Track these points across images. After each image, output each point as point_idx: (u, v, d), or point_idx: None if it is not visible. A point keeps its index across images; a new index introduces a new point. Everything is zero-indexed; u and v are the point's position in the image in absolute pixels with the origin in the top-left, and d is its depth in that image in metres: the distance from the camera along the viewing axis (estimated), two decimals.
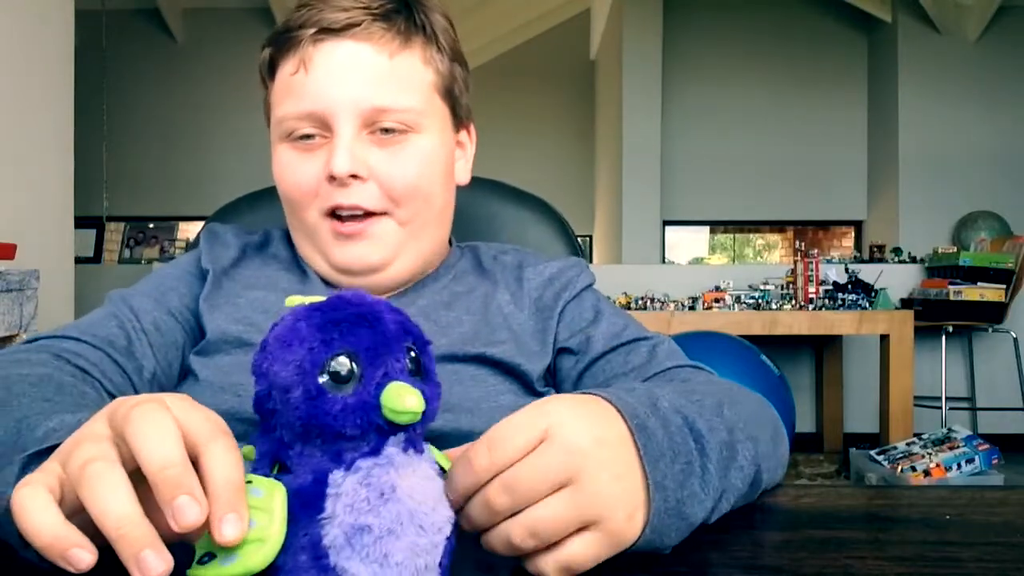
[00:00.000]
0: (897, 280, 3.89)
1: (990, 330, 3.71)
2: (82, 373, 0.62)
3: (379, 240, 0.73)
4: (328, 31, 0.70)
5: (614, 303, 0.83)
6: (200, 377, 0.69)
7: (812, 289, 3.45)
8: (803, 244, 4.00)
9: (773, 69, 5.98)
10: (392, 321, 0.38)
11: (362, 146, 0.70)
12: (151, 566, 0.30)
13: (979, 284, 3.61)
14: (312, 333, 0.36)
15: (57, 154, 2.45)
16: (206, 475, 0.33)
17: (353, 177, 0.70)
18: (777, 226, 7.61)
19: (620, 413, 0.43)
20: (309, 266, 0.77)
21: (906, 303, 3.78)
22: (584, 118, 7.16)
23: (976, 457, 2.84)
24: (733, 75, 6.00)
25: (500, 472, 0.39)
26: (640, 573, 0.42)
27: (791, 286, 3.60)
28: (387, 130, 0.71)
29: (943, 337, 3.66)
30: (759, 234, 8.77)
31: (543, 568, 0.40)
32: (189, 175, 6.48)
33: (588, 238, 7.18)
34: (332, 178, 0.70)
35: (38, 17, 2.34)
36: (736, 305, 3.47)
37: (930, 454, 2.84)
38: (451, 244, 0.86)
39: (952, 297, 3.59)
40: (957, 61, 5.31)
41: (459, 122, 0.80)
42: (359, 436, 0.36)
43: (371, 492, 0.35)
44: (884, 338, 3.30)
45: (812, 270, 3.46)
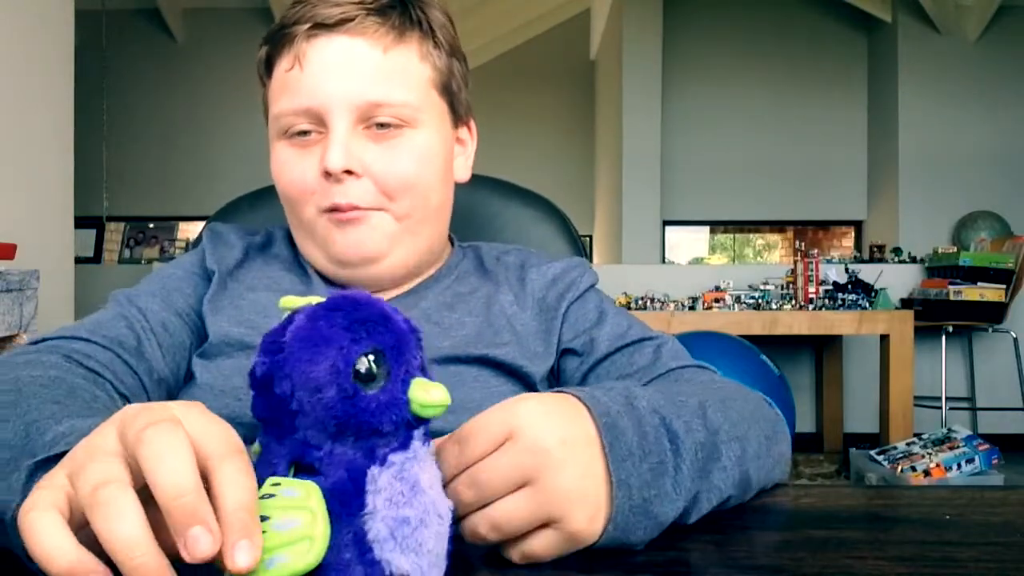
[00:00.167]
0: (897, 280, 3.89)
1: (990, 330, 3.71)
2: (93, 375, 0.61)
3: (375, 230, 0.72)
4: (322, 27, 0.70)
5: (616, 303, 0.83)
6: (201, 380, 0.69)
7: (812, 289, 3.45)
8: (803, 244, 4.00)
9: (773, 69, 5.98)
10: (402, 320, 0.39)
11: (357, 141, 0.70)
12: None
13: (979, 284, 3.60)
14: (339, 333, 0.37)
15: (57, 154, 2.45)
16: (217, 498, 0.33)
17: (348, 173, 0.69)
18: (777, 226, 7.61)
19: (590, 412, 0.44)
20: (309, 264, 0.77)
21: (906, 303, 3.78)
22: (584, 118, 7.16)
23: (976, 457, 2.84)
24: (733, 75, 5.99)
25: (467, 468, 0.41)
26: (640, 573, 0.42)
27: (791, 286, 3.60)
28: (382, 125, 0.71)
29: (943, 337, 3.66)
30: (759, 234, 8.76)
31: (508, 555, 0.43)
32: (189, 175, 6.48)
33: (588, 238, 7.18)
34: (327, 174, 0.69)
35: (38, 17, 2.34)
36: (736, 305, 3.47)
37: (930, 454, 2.84)
38: (453, 244, 0.85)
39: (952, 297, 3.59)
40: (957, 61, 5.31)
41: (458, 118, 0.79)
42: (391, 432, 0.37)
43: (404, 485, 0.36)
44: (884, 338, 3.30)
45: (812, 270, 3.46)
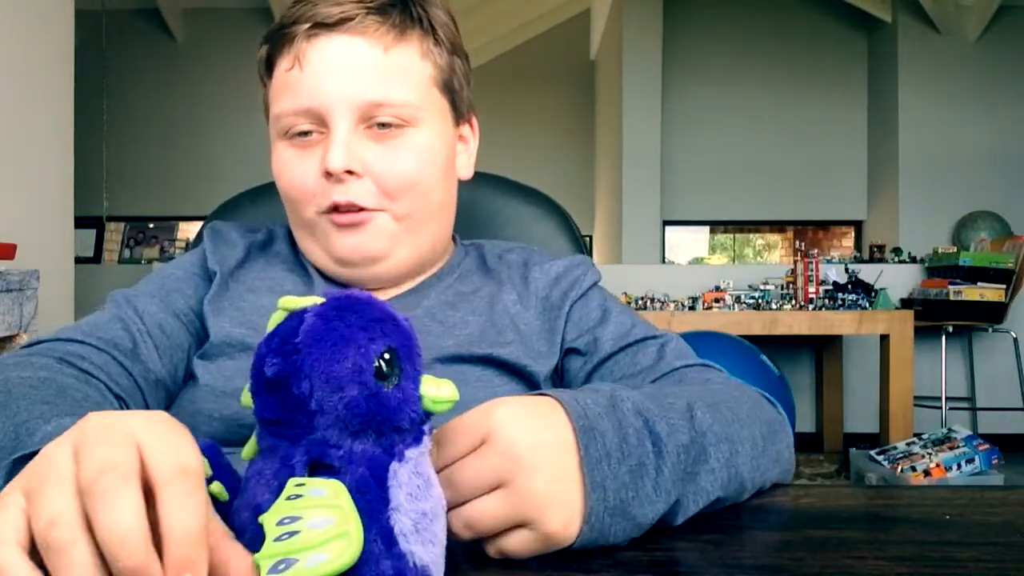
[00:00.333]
0: (897, 280, 3.89)
1: (990, 330, 3.71)
2: (86, 375, 0.61)
3: (376, 232, 0.72)
4: (322, 26, 0.69)
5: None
6: (202, 381, 0.69)
7: (812, 289, 3.45)
8: (803, 244, 4.00)
9: (773, 69, 5.98)
10: (403, 319, 0.40)
11: (358, 141, 0.70)
12: None
13: (979, 284, 3.60)
14: (357, 332, 0.37)
15: (57, 154, 2.45)
16: (161, 526, 0.31)
17: (349, 173, 0.69)
18: (777, 226, 7.61)
19: (568, 415, 0.45)
20: (311, 263, 0.77)
21: (906, 303, 3.78)
22: (584, 118, 7.15)
23: (976, 457, 2.84)
24: (733, 75, 5.99)
25: (444, 467, 0.43)
26: (641, 573, 0.42)
27: (791, 286, 3.60)
28: (383, 124, 0.70)
29: (943, 337, 3.66)
30: (759, 234, 8.77)
31: (486, 549, 0.44)
32: (189, 175, 6.48)
33: (588, 238, 7.18)
34: (328, 174, 0.69)
35: (38, 17, 2.34)
36: (736, 305, 3.47)
37: (930, 454, 2.84)
38: (455, 242, 0.85)
39: (952, 297, 3.59)
40: (957, 61, 5.31)
41: (460, 116, 0.79)
42: (407, 428, 0.38)
43: (420, 479, 0.38)
44: (884, 338, 3.30)
45: (812, 270, 3.46)
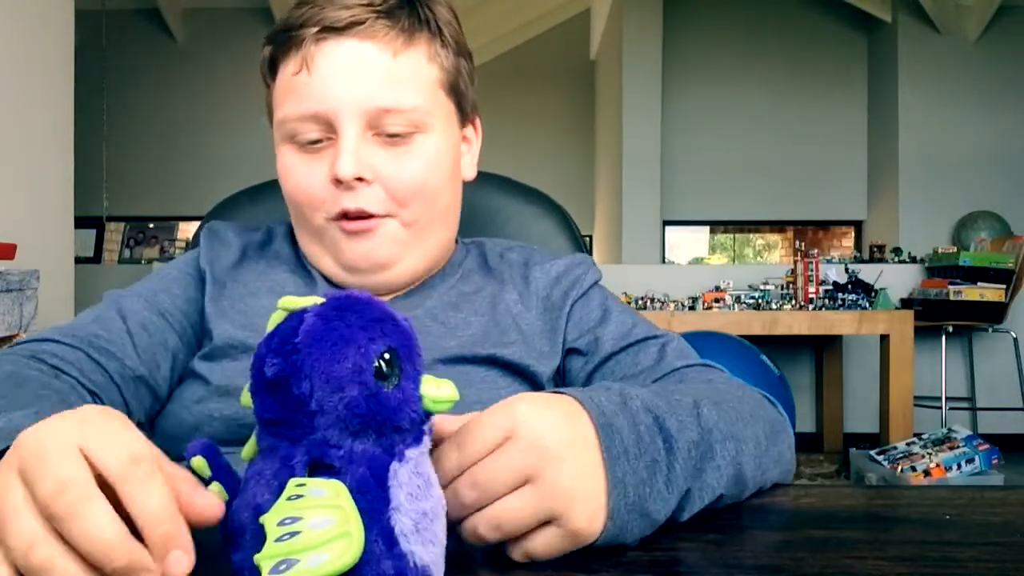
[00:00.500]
0: (897, 280, 3.89)
1: (990, 330, 3.71)
2: (55, 371, 0.61)
3: (385, 238, 0.72)
4: (331, 30, 0.68)
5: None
6: (208, 381, 0.69)
7: (812, 289, 3.45)
8: (803, 244, 4.00)
9: (773, 69, 5.98)
10: (403, 319, 0.40)
11: (367, 147, 0.69)
12: None
13: (979, 284, 3.60)
14: (357, 332, 0.37)
15: (57, 154, 2.45)
16: (132, 514, 0.32)
17: (359, 180, 0.69)
18: (777, 226, 7.61)
19: (586, 411, 0.44)
20: (314, 266, 0.76)
21: (906, 303, 3.78)
22: (584, 118, 7.15)
23: (976, 457, 2.84)
24: (733, 75, 5.99)
25: (467, 466, 0.41)
26: (641, 573, 0.42)
27: (791, 286, 3.60)
28: (392, 135, 0.70)
29: (943, 337, 3.66)
30: (759, 234, 8.77)
31: (510, 553, 0.43)
32: (189, 175, 6.48)
33: (588, 238, 7.18)
34: (338, 181, 0.68)
35: (38, 17, 2.34)
36: (736, 305, 3.47)
37: (930, 454, 2.83)
38: (456, 240, 0.85)
39: (952, 297, 3.59)
40: (957, 61, 5.31)
41: (464, 117, 0.78)
42: (408, 428, 0.38)
43: (420, 479, 0.37)
44: (884, 338, 3.30)
45: (812, 270, 3.46)
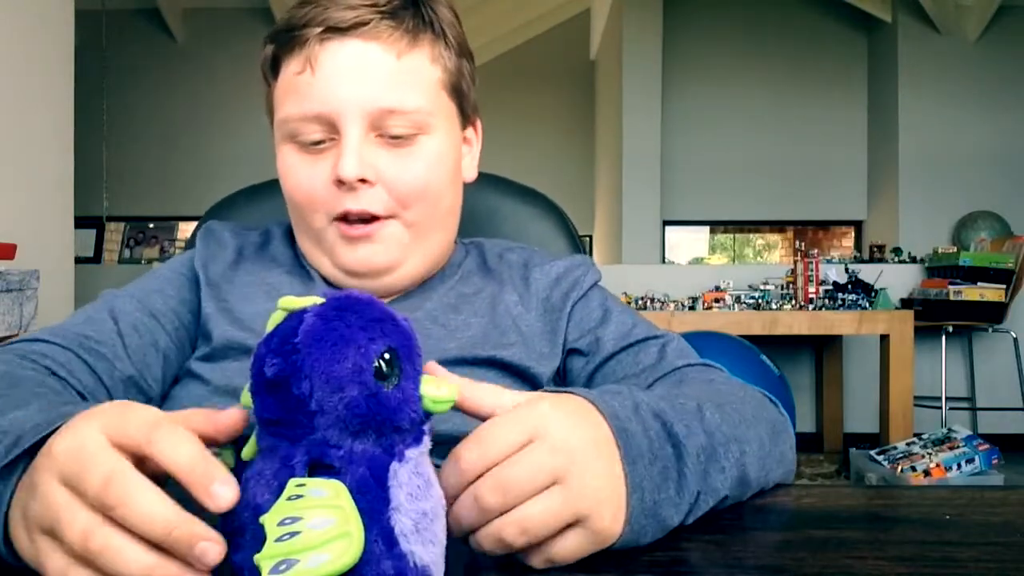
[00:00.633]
0: (897, 280, 3.89)
1: (990, 330, 3.71)
2: (46, 371, 0.61)
3: (386, 242, 0.72)
4: (335, 30, 0.68)
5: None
6: (207, 381, 0.69)
7: (812, 289, 3.45)
8: (803, 244, 4.00)
9: (773, 69, 5.98)
10: (403, 319, 0.40)
11: (370, 148, 0.69)
12: None
13: (979, 284, 3.60)
14: (356, 332, 0.37)
15: (57, 154, 2.45)
16: (168, 468, 0.35)
17: (362, 182, 0.68)
18: (777, 226, 7.61)
19: (603, 415, 0.44)
20: (313, 268, 0.76)
21: (906, 303, 3.78)
22: (584, 118, 7.15)
23: (976, 457, 2.84)
24: (733, 75, 5.99)
25: (489, 469, 0.40)
26: (642, 573, 0.42)
27: (791, 286, 3.60)
28: (395, 136, 0.70)
29: (943, 337, 3.66)
30: (759, 234, 8.77)
31: (529, 560, 0.42)
32: (189, 175, 6.48)
33: (588, 238, 7.17)
34: (340, 182, 0.68)
35: (38, 17, 2.34)
36: (736, 305, 3.47)
37: (930, 454, 2.83)
38: (455, 241, 0.85)
39: (952, 297, 3.59)
40: (957, 61, 5.30)
41: (466, 118, 0.78)
42: (408, 428, 0.38)
43: (420, 479, 0.37)
44: (884, 338, 3.30)
45: (812, 270, 3.46)
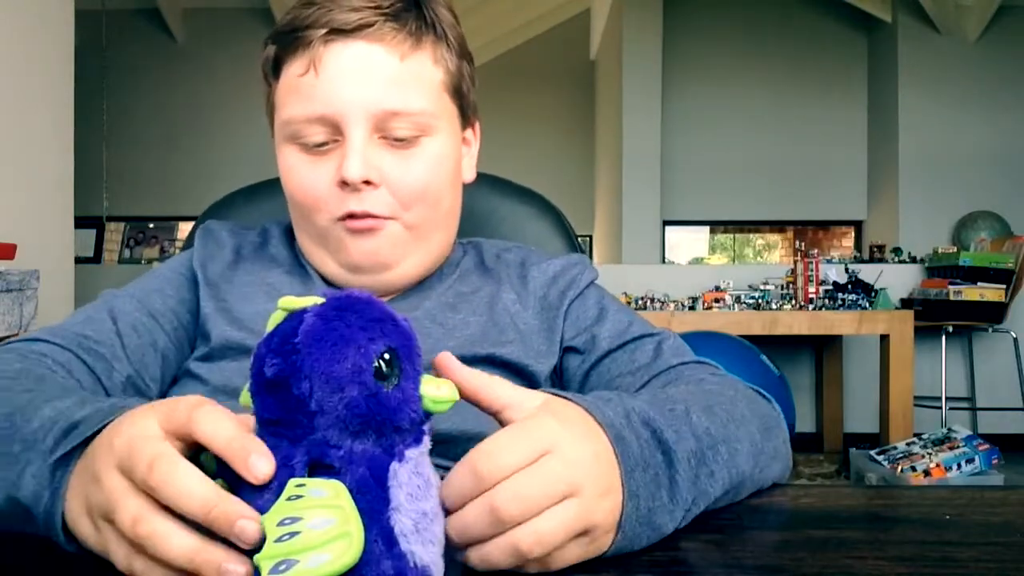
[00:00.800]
0: (897, 280, 3.89)
1: (990, 330, 3.71)
2: (50, 372, 0.61)
3: (388, 239, 0.72)
4: (339, 32, 0.68)
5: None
6: (206, 381, 0.69)
7: (812, 289, 3.45)
8: (803, 244, 4.00)
9: (773, 69, 5.97)
10: (403, 319, 0.40)
11: (373, 150, 0.69)
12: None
13: (979, 284, 3.60)
14: (356, 332, 0.37)
15: (57, 154, 2.45)
16: (210, 446, 0.37)
17: (366, 183, 0.68)
18: (777, 226, 7.61)
19: (600, 425, 0.44)
20: (313, 267, 0.76)
21: (906, 303, 3.78)
22: (584, 118, 7.15)
23: (976, 457, 2.84)
24: (733, 75, 5.99)
25: (504, 479, 0.39)
26: (642, 573, 0.42)
27: (791, 286, 3.59)
28: (399, 139, 0.70)
29: (943, 337, 3.65)
30: (759, 234, 8.76)
31: (526, 566, 0.41)
32: (189, 175, 6.48)
33: (588, 238, 7.17)
34: (344, 183, 0.68)
35: (38, 17, 2.34)
36: (736, 305, 3.47)
37: (930, 454, 2.83)
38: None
39: (952, 297, 3.58)
40: (957, 61, 5.30)
41: (466, 120, 0.79)
42: (408, 428, 0.38)
43: (420, 480, 0.37)
44: (884, 338, 3.30)
45: (812, 270, 3.46)
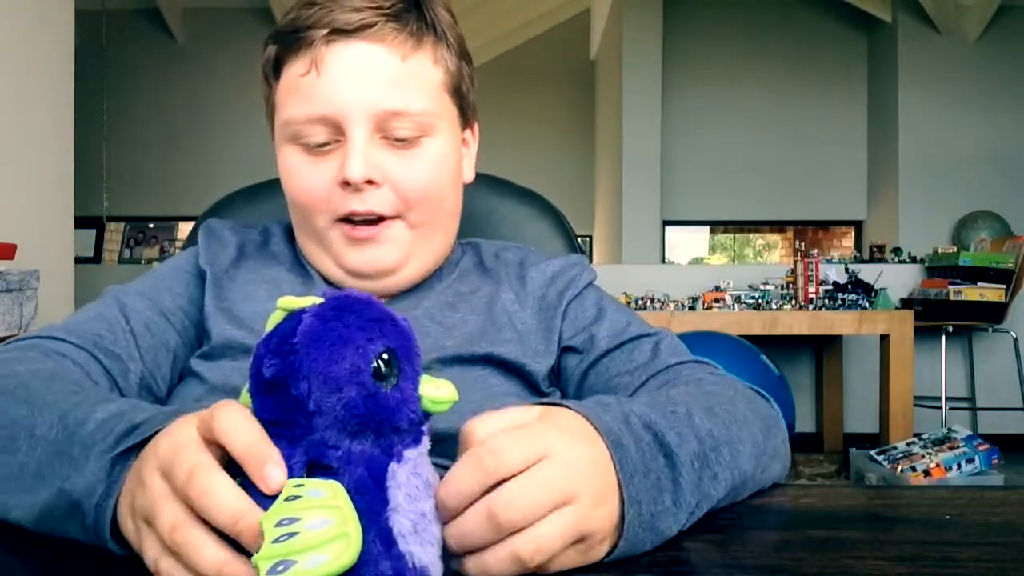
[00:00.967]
0: (897, 280, 3.89)
1: (990, 330, 3.71)
2: (83, 374, 0.61)
3: (391, 243, 0.72)
4: (341, 32, 0.68)
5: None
6: (205, 380, 0.69)
7: (812, 289, 3.45)
8: (803, 244, 4.00)
9: (773, 69, 5.97)
10: (402, 319, 0.40)
11: (375, 150, 0.69)
12: None
13: (979, 284, 3.60)
14: (355, 333, 0.37)
15: (57, 154, 2.45)
16: (231, 450, 0.37)
17: (368, 183, 0.68)
18: (777, 226, 7.61)
19: (597, 431, 0.44)
20: (313, 268, 0.76)
21: (906, 303, 3.78)
22: (584, 118, 7.15)
23: (976, 457, 2.84)
24: (733, 75, 5.99)
25: (507, 477, 0.39)
26: (642, 573, 0.42)
27: (791, 286, 3.59)
28: (400, 139, 0.70)
29: (943, 337, 3.65)
30: (759, 234, 8.76)
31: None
32: (189, 175, 6.48)
33: (588, 238, 7.17)
34: (346, 183, 0.68)
35: (38, 17, 2.34)
36: (736, 305, 3.47)
37: (930, 454, 2.83)
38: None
39: (952, 297, 3.58)
40: (957, 61, 5.30)
41: (465, 120, 0.79)
42: (406, 428, 0.38)
43: (419, 480, 0.37)
44: (884, 338, 3.30)
45: (812, 270, 3.46)
